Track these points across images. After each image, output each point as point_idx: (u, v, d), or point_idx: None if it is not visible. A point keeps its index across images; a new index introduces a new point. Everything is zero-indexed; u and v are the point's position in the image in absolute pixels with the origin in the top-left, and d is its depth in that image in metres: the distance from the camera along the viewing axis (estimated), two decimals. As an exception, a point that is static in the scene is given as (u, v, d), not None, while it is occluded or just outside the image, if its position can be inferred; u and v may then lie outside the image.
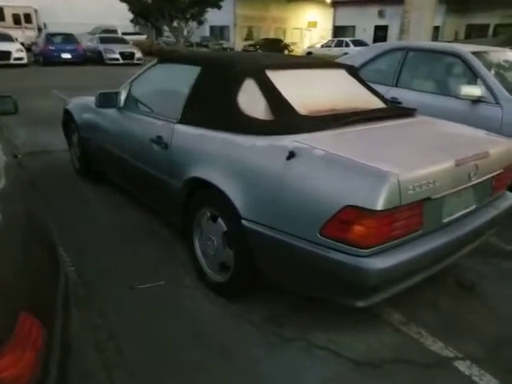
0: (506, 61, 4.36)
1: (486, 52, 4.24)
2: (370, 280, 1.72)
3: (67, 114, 4.31)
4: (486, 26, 21.58)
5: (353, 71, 2.96)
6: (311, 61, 2.91)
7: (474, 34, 21.73)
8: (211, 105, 2.45)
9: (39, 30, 26.53)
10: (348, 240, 1.72)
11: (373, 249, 1.71)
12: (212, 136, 2.35)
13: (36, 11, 27.82)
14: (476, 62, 3.96)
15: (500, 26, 20.72)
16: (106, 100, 3.26)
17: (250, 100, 2.33)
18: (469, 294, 2.49)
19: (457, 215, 2.06)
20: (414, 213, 1.80)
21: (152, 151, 2.77)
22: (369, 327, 2.18)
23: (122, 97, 3.28)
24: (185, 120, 2.58)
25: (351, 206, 1.68)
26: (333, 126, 2.17)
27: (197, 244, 2.56)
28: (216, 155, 2.28)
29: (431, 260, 1.93)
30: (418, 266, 1.88)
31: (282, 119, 2.20)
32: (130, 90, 3.29)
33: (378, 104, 2.72)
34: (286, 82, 2.47)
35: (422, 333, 2.14)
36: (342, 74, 2.90)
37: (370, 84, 2.96)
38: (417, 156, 1.92)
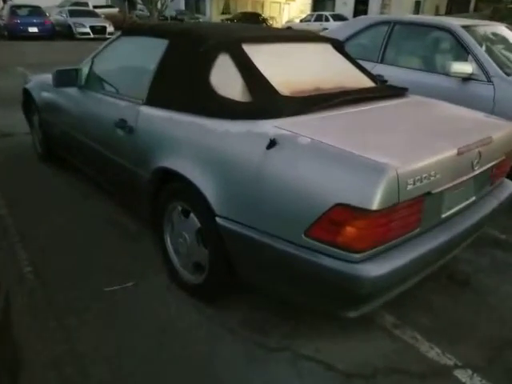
0: (497, 35, 4.14)
1: (476, 26, 4.00)
2: (364, 289, 1.49)
3: (26, 94, 3.92)
4: (467, 1, 21.36)
5: (339, 46, 2.68)
6: (293, 33, 2.61)
7: (455, 8, 21.51)
8: (180, 84, 2.14)
9: (4, 1, 25.01)
10: (338, 243, 1.48)
11: (366, 253, 1.49)
12: (181, 120, 2.05)
13: (0, -19, 26.15)
14: (467, 37, 3.72)
15: (480, 0, 20.51)
16: (65, 78, 2.91)
17: (225, 78, 2.03)
18: (464, 289, 2.31)
19: (456, 209, 1.85)
20: (413, 210, 1.57)
21: (115, 136, 2.46)
22: (359, 332, 1.98)
23: (83, 74, 2.94)
24: (151, 101, 2.27)
25: (342, 204, 1.43)
26: (318, 109, 1.91)
27: (168, 241, 2.29)
28: (186, 142, 2.00)
29: (430, 260, 1.72)
30: (416, 269, 1.66)
31: (261, 100, 1.92)
32: (91, 66, 2.94)
33: (366, 83, 2.46)
34: (265, 57, 2.18)
35: (417, 337, 1.95)
36: (327, 48, 2.62)
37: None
38: (415, 144, 1.68)
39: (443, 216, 1.78)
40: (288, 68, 2.24)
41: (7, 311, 1.24)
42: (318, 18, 23.85)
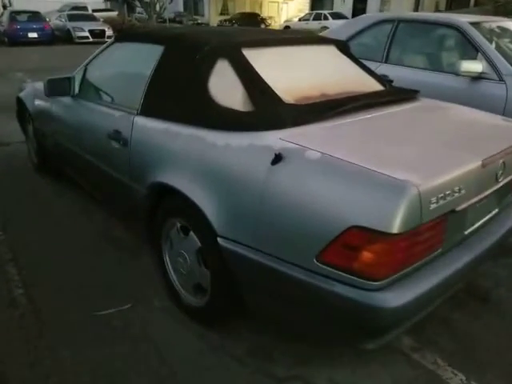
0: (506, 32, 3.98)
1: (484, 22, 3.84)
2: (384, 320, 1.34)
3: (20, 103, 3.80)
4: (468, -4, 21.15)
5: (344, 47, 2.53)
6: (296, 36, 2.45)
7: (456, 4, 21.30)
8: (176, 93, 2.00)
9: (4, 7, 24.95)
10: (354, 269, 1.33)
11: (385, 280, 1.33)
12: (178, 131, 1.91)
13: (-1, -12, 26.12)
14: (476, 34, 3.56)
15: (481, -5, 20.28)
16: (57, 87, 2.77)
17: (224, 86, 1.89)
18: (485, 306, 2.16)
19: (479, 223, 1.70)
20: (436, 231, 1.41)
21: (110, 148, 2.32)
22: (375, 358, 1.83)
23: (76, 83, 2.80)
24: (146, 111, 2.13)
25: (358, 226, 1.28)
26: (326, 117, 1.76)
27: (167, 259, 2.15)
28: (183, 156, 1.85)
29: (454, 282, 1.57)
30: (439, 293, 1.51)
31: (264, 110, 1.77)
32: (84, 74, 2.80)
33: (375, 86, 2.30)
34: (266, 62, 2.03)
35: (439, 362, 1.80)
36: (331, 50, 2.47)
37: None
38: (435, 156, 1.52)
39: (466, 233, 1.62)
40: (291, 73, 2.09)
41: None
42: (317, 17, 23.68)
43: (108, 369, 1.77)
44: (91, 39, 17.22)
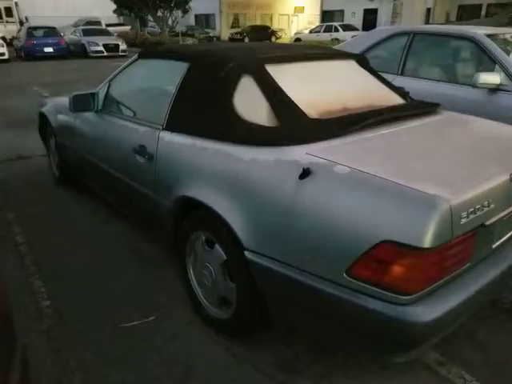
0: (523, 43, 3.98)
1: (501, 34, 3.85)
2: (415, 335, 1.35)
3: (42, 117, 3.89)
4: (479, 7, 21.16)
5: (364, 62, 2.56)
6: (317, 51, 2.50)
7: (466, 15, 21.31)
8: (202, 109, 2.04)
9: (21, 23, 25.66)
10: (384, 283, 1.34)
11: (416, 295, 1.34)
12: (205, 146, 1.95)
13: (16, 4, 26.91)
14: (493, 46, 3.58)
15: (492, 5, 20.28)
16: (82, 103, 2.84)
17: (249, 102, 1.93)
18: (510, 318, 2.14)
19: (507, 237, 1.70)
20: (466, 245, 1.42)
21: (135, 163, 2.37)
22: (400, 371, 1.82)
23: (100, 98, 2.87)
24: (171, 127, 2.18)
25: (389, 241, 1.30)
26: (350, 131, 1.79)
27: (191, 272, 2.18)
28: (210, 170, 1.89)
29: (482, 297, 1.56)
30: (469, 307, 1.51)
31: (289, 125, 1.81)
32: (108, 90, 2.87)
33: (396, 100, 2.33)
34: (289, 78, 2.08)
35: (466, 377, 1.78)
36: (352, 65, 2.50)
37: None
38: (463, 170, 1.54)
39: (494, 247, 1.63)
40: (314, 88, 2.13)
41: (25, 366, 1.13)
42: (328, 29, 23.89)
43: (134, 382, 1.79)
44: (105, 53, 17.57)
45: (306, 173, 1.52)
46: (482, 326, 2.07)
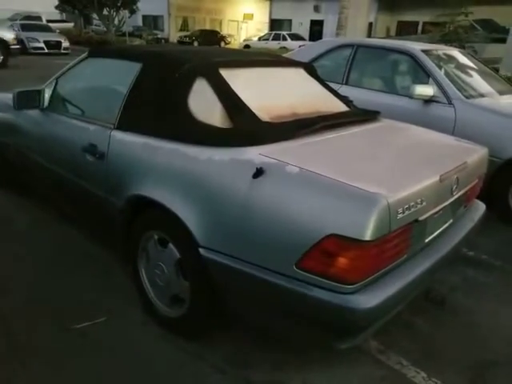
0: (453, 59, 4.36)
1: (434, 50, 4.20)
2: (358, 321, 1.47)
3: (-20, 114, 3.67)
4: (416, 24, 22.62)
5: (312, 70, 2.71)
6: (268, 58, 2.60)
7: (404, 30, 22.67)
8: (156, 109, 2.07)
9: None
10: (330, 274, 1.45)
11: (359, 284, 1.46)
12: (159, 146, 1.97)
13: None
14: (427, 61, 3.90)
15: (428, 23, 21.77)
16: (26, 100, 2.73)
17: (203, 104, 1.98)
18: (442, 310, 2.35)
19: (437, 233, 1.88)
20: (403, 238, 1.57)
21: (84, 162, 2.33)
22: (344, 359, 1.95)
23: (47, 96, 2.78)
24: (124, 126, 2.18)
25: (334, 234, 1.41)
26: (299, 135, 1.90)
27: (143, 272, 2.18)
28: (165, 170, 1.92)
29: (417, 285, 1.72)
30: (405, 295, 1.66)
31: (242, 127, 1.88)
32: (55, 87, 2.79)
33: (341, 107, 2.48)
34: (242, 82, 2.15)
35: (403, 362, 1.94)
36: (300, 73, 2.63)
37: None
38: (400, 172, 1.70)
39: (426, 241, 1.80)
40: (265, 93, 2.23)
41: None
42: (276, 37, 24.40)
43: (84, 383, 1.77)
44: (46, 50, 16.74)
45: (259, 172, 1.60)
46: (417, 318, 2.25)
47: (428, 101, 3.74)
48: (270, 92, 2.29)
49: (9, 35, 12.79)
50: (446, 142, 2.32)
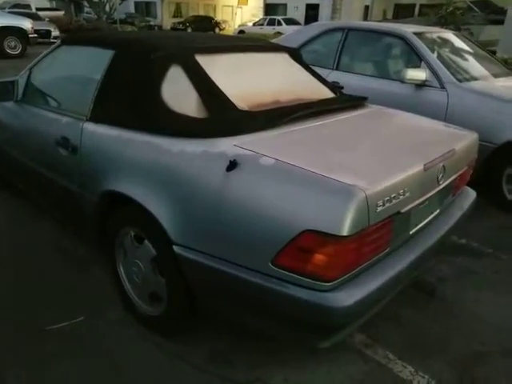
0: (446, 42, 4.24)
1: (427, 33, 4.07)
2: (336, 319, 1.40)
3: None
4: (412, 6, 22.29)
5: (296, 55, 2.59)
6: (249, 43, 2.48)
7: (401, 13, 22.37)
8: (128, 99, 1.96)
9: None
10: (307, 272, 1.37)
11: (337, 281, 1.39)
12: (131, 138, 1.88)
13: None
14: (419, 44, 3.78)
15: (424, 6, 21.46)
16: (0, 92, 2.63)
17: (177, 93, 1.88)
18: (431, 300, 2.28)
19: (423, 224, 1.80)
20: (383, 232, 1.49)
21: (57, 155, 2.24)
22: (329, 355, 1.89)
23: (20, 87, 2.67)
24: (96, 117, 2.08)
25: (310, 230, 1.33)
26: (279, 124, 1.80)
27: (121, 269, 2.10)
28: (137, 163, 1.82)
29: (402, 279, 1.65)
30: (388, 290, 1.58)
31: (218, 117, 1.79)
32: (29, 78, 2.68)
33: (326, 93, 2.38)
34: (220, 69, 2.05)
35: (390, 356, 1.88)
36: (284, 58, 2.52)
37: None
38: (381, 161, 1.60)
39: (411, 233, 1.72)
40: (245, 80, 2.12)
41: None
42: (271, 22, 24.05)
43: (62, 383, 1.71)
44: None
45: (232, 165, 1.51)
46: (405, 310, 2.19)
47: (420, 85, 3.63)
48: (251, 79, 2.18)
49: (27, 24, 12.42)
50: (434, 128, 2.22)
